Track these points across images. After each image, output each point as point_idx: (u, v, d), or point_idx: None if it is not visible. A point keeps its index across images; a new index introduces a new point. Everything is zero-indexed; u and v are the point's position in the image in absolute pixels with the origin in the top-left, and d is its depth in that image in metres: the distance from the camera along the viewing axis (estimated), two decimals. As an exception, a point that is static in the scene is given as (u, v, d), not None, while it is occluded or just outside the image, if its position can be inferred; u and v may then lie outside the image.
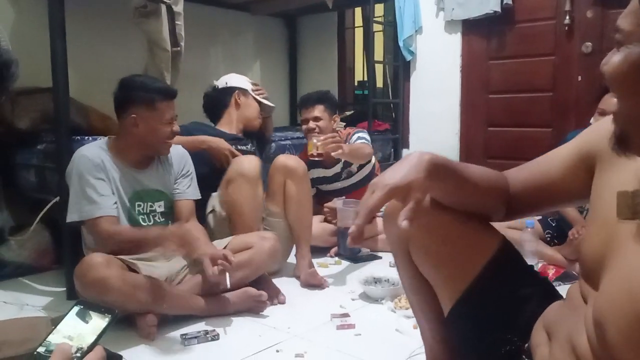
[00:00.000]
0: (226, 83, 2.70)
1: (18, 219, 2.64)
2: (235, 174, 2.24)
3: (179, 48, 2.57)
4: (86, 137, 2.29)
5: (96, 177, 1.90)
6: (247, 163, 2.26)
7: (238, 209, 2.25)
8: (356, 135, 2.80)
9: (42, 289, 2.24)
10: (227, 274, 1.83)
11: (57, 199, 2.14)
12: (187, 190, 2.14)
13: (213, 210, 2.36)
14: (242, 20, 3.97)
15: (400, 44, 3.95)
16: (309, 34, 4.43)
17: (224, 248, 2.09)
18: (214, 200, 2.35)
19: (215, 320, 1.89)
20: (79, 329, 0.91)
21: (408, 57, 3.99)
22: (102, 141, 2.04)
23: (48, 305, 2.07)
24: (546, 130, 3.53)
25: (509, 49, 3.65)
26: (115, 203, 1.93)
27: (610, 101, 2.46)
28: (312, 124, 2.80)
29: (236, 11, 3.86)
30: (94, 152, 1.95)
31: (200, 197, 2.20)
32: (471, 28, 3.76)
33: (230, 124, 2.67)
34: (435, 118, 3.98)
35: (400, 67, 4.06)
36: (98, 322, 0.91)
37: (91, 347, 0.86)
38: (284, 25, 4.41)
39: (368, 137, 2.82)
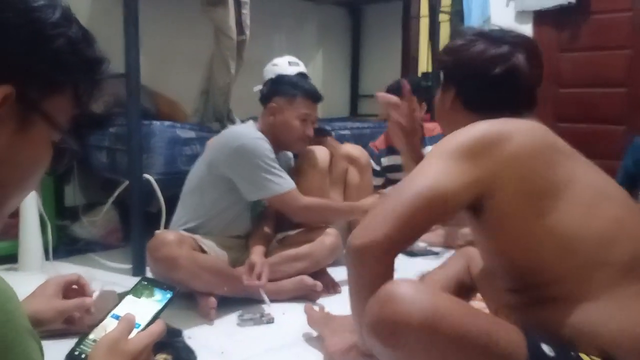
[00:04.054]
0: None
1: (89, 197, 2.79)
2: (306, 165, 2.28)
3: (244, 37, 2.62)
4: (154, 122, 2.38)
5: (274, 156, 2.01)
6: (318, 155, 2.30)
7: None
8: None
9: (110, 265, 2.37)
10: (262, 291, 1.89)
11: (128, 182, 2.25)
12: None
13: None
14: (307, 9, 4.00)
15: (466, 34, 3.86)
16: (373, 23, 4.40)
17: (284, 238, 2.16)
18: None
19: (271, 304, 1.93)
20: (142, 303, 0.96)
21: (474, 48, 3.90)
22: (253, 126, 2.13)
23: (115, 280, 2.17)
24: (619, 127, 3.37)
25: (582, 41, 3.49)
26: None
27: None
28: None
29: (301, 0, 3.89)
30: (261, 134, 2.04)
31: None
32: (543, 19, 3.62)
33: None
34: (501, 112, 3.86)
35: (466, 58, 3.96)
36: (160, 297, 0.97)
37: (153, 320, 0.92)
38: (348, 14, 4.40)
39: None
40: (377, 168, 3.02)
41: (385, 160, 2.99)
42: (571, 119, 3.59)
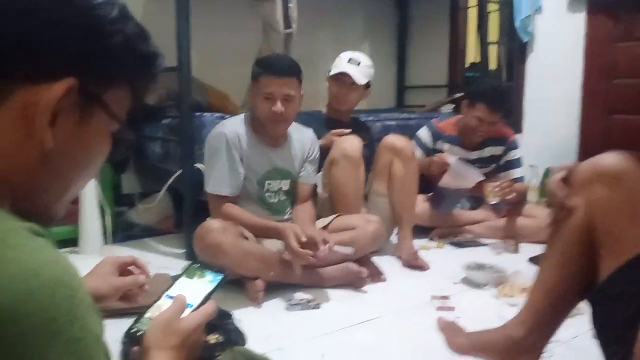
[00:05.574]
0: None
1: (145, 185, 2.91)
2: (338, 155, 2.26)
3: (291, 30, 2.65)
4: (205, 114, 2.46)
5: (228, 155, 2.01)
6: (350, 144, 2.28)
7: (341, 190, 2.28)
8: (518, 170, 2.87)
9: (164, 250, 2.48)
10: (338, 248, 1.91)
11: (180, 171, 2.33)
12: (311, 174, 2.24)
13: (315, 192, 2.43)
14: (353, 1, 3.99)
15: (517, 24, 3.75)
16: (420, 14, 4.34)
17: (327, 226, 2.18)
18: (317, 181, 2.41)
19: (317, 290, 1.98)
20: (194, 285, 1.01)
21: (525, 39, 3.79)
22: (243, 115, 2.15)
23: (169, 264, 2.26)
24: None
25: (639, 30, 3.34)
26: (240, 182, 2.05)
27: None
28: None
29: (348, -8, 3.88)
30: (232, 127, 2.05)
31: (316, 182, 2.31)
32: (597, 7, 3.48)
33: None
34: (553, 103, 3.76)
35: (516, 48, 3.87)
36: (211, 279, 1.02)
37: (205, 300, 0.97)
38: (394, 5, 4.36)
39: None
40: (429, 145, 2.86)
41: (447, 147, 2.83)
42: (625, 110, 3.45)
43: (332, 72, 2.51)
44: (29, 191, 0.56)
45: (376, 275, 2.14)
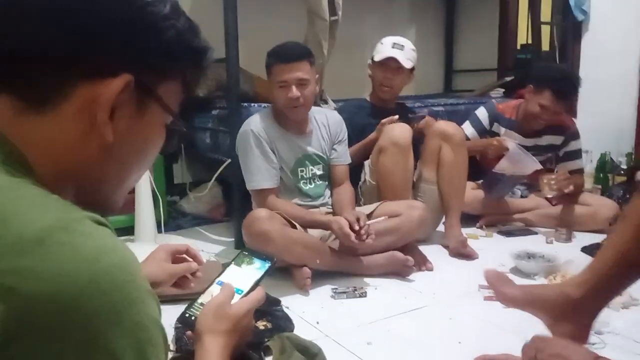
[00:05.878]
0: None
1: (195, 175, 2.99)
2: (387, 142, 2.25)
3: (336, 17, 2.64)
4: (253, 104, 2.49)
5: (260, 150, 2.07)
6: (399, 131, 2.26)
7: (389, 178, 2.27)
8: (577, 162, 2.79)
9: (215, 238, 2.55)
10: (376, 220, 1.95)
11: (229, 161, 2.38)
12: (342, 155, 2.26)
13: (363, 179, 2.43)
14: (398, -15, 3.93)
15: (571, 2, 3.62)
16: (468, -4, 4.24)
17: (372, 213, 2.17)
18: (365, 169, 2.42)
19: (363, 278, 1.99)
20: (243, 272, 1.04)
21: (580, 17, 3.64)
22: (267, 109, 2.20)
23: (219, 252, 2.34)
24: None
25: None
26: (278, 173, 2.11)
27: None
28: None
29: (392, -24, 3.82)
30: (257, 123, 2.11)
31: (350, 161, 2.31)
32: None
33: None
34: (609, 85, 3.60)
35: (570, 28, 3.72)
36: (259, 266, 1.05)
37: (254, 286, 1.00)
38: (442, -14, 4.27)
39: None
40: (485, 126, 2.78)
41: (503, 131, 2.73)
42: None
43: (377, 58, 2.49)
44: (90, 183, 0.59)
45: (423, 263, 2.12)
